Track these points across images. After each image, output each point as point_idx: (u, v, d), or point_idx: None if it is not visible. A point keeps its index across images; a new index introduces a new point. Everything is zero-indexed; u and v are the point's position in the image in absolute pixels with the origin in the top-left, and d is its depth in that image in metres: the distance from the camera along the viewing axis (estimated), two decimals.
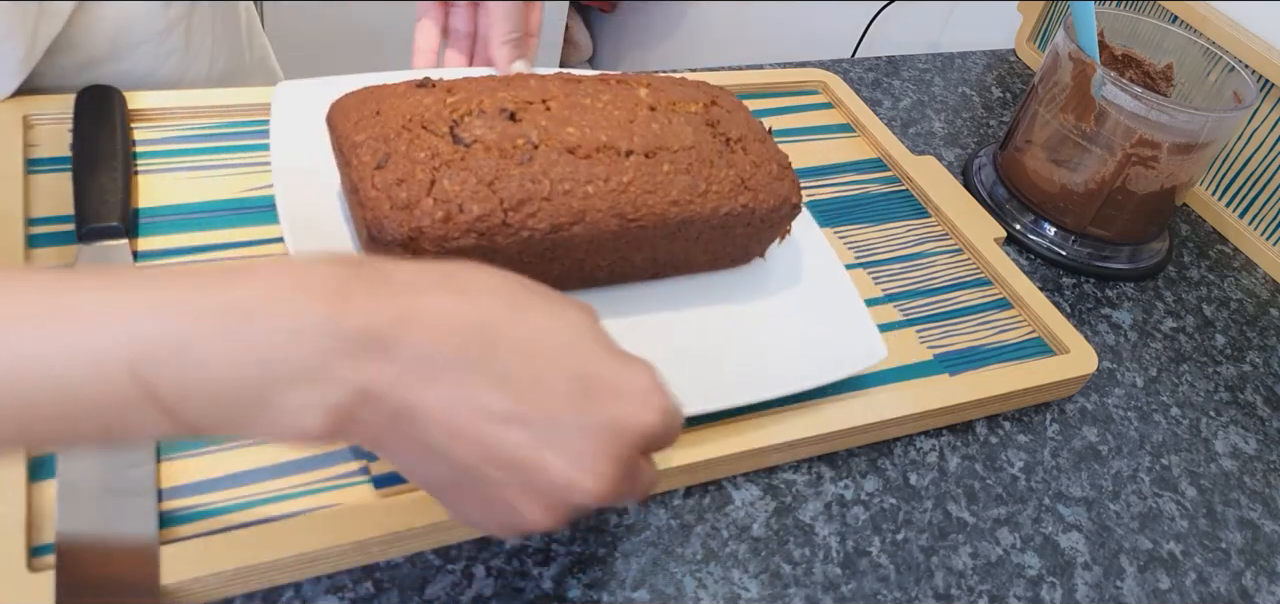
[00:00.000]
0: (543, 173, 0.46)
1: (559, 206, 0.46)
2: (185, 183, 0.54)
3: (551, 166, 0.46)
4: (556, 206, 0.46)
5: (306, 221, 0.48)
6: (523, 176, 0.45)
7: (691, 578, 0.44)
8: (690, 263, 0.53)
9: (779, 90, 0.75)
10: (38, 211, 0.49)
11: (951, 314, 0.59)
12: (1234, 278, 0.73)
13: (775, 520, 0.48)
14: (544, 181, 0.45)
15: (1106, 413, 0.59)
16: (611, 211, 0.47)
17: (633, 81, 0.52)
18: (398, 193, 0.44)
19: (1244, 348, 0.67)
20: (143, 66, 0.59)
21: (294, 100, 0.54)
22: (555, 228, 0.46)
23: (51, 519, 0.38)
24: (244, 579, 0.39)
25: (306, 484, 0.42)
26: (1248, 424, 0.61)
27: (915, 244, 0.64)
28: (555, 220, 0.46)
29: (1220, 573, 0.52)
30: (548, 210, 0.45)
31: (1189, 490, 0.56)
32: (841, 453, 0.52)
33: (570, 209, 0.46)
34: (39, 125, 0.54)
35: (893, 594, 0.46)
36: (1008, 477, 0.53)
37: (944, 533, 0.49)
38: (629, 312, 0.52)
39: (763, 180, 0.51)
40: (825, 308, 0.54)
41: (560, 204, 0.46)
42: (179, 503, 0.40)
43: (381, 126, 0.46)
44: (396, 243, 0.43)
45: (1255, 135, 0.74)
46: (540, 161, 0.46)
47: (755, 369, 0.50)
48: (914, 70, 0.87)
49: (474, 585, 0.42)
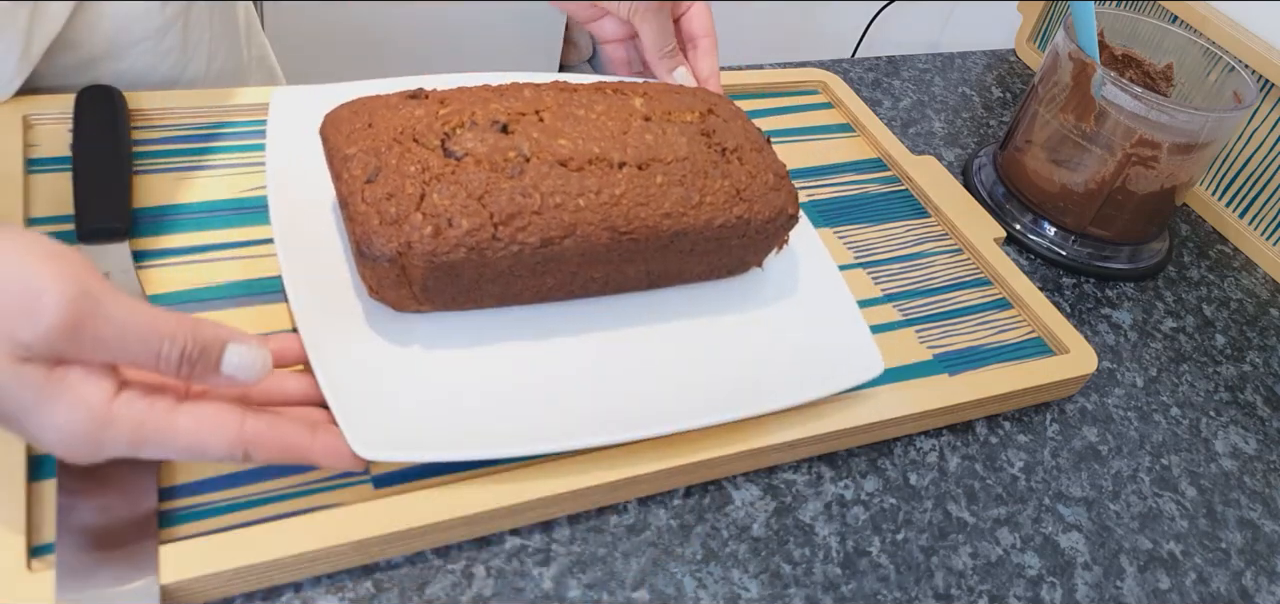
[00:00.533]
0: (533, 186, 0.46)
1: (550, 220, 0.46)
2: (185, 183, 0.54)
3: (542, 179, 0.46)
4: (547, 220, 0.45)
5: (298, 232, 0.48)
6: (513, 190, 0.45)
7: (691, 578, 0.44)
8: (685, 274, 0.53)
9: (779, 90, 0.75)
10: (38, 212, 0.49)
11: (951, 314, 0.59)
12: (1234, 278, 0.73)
13: (775, 520, 0.48)
14: (535, 195, 0.45)
15: (1106, 413, 0.59)
16: (603, 224, 0.47)
17: (628, 90, 0.52)
18: (387, 207, 0.44)
19: (1244, 348, 0.67)
20: (141, 64, 0.59)
21: (290, 107, 0.54)
22: (546, 241, 0.46)
23: (51, 519, 0.38)
24: (244, 579, 0.39)
25: (306, 484, 0.42)
26: (1248, 424, 0.61)
27: (915, 244, 0.64)
28: (546, 234, 0.45)
29: (1220, 573, 0.52)
30: (538, 224, 0.45)
31: (1189, 490, 0.56)
32: (841, 453, 0.52)
33: (561, 222, 0.46)
34: (39, 125, 0.54)
35: (893, 594, 0.46)
36: (1008, 477, 0.53)
37: (944, 533, 0.49)
38: (623, 323, 0.51)
39: (758, 191, 0.51)
40: (822, 319, 0.54)
41: (551, 217, 0.46)
42: (179, 503, 0.40)
43: (373, 139, 0.46)
44: (385, 258, 0.43)
45: (1255, 135, 0.74)
46: (531, 174, 0.46)
47: (751, 382, 0.50)
48: (914, 70, 0.87)
49: (474, 585, 0.42)
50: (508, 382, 0.47)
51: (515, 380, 0.47)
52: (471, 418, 0.44)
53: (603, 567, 0.44)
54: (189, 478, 0.41)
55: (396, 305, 0.47)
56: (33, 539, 0.38)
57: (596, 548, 0.45)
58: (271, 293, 0.49)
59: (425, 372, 0.46)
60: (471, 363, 0.47)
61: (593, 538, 0.45)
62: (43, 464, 0.40)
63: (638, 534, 0.46)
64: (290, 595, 0.40)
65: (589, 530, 0.45)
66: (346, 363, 0.44)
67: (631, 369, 0.49)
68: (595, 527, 0.45)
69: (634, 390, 0.48)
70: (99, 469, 0.39)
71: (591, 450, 0.45)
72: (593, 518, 0.46)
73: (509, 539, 0.44)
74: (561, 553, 0.44)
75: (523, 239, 0.45)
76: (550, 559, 0.44)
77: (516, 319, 0.50)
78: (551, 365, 0.48)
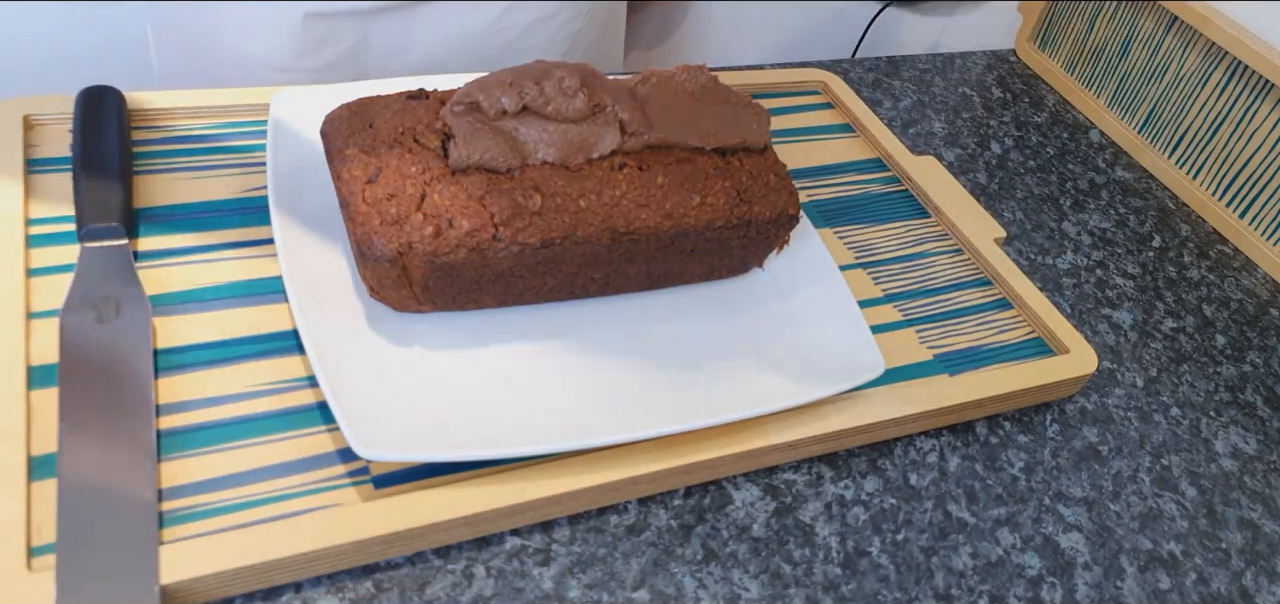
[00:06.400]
0: (534, 187, 0.46)
1: (550, 221, 0.46)
2: (185, 183, 0.54)
3: (543, 180, 0.46)
4: (548, 221, 0.45)
5: (299, 233, 0.48)
6: (514, 190, 0.45)
7: (691, 578, 0.44)
8: (686, 274, 0.53)
9: (779, 90, 0.75)
10: (38, 212, 0.49)
11: (951, 314, 0.59)
12: (1234, 278, 0.73)
13: (775, 520, 0.48)
14: (535, 196, 0.45)
15: (1106, 413, 0.59)
16: (604, 225, 0.47)
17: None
18: (388, 208, 0.44)
19: (1244, 348, 0.67)
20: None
21: (290, 107, 0.54)
22: (546, 242, 0.46)
23: (51, 519, 0.38)
24: (244, 579, 0.39)
25: (306, 484, 0.42)
26: (1248, 424, 0.61)
27: (915, 244, 0.64)
28: (546, 234, 0.45)
29: (1220, 573, 0.52)
30: (539, 224, 0.45)
31: (1189, 491, 0.56)
32: (841, 453, 0.52)
33: (562, 223, 0.46)
34: (39, 125, 0.54)
35: (893, 594, 0.46)
36: (1008, 477, 0.53)
37: (944, 533, 0.49)
38: (623, 323, 0.51)
39: (759, 192, 0.51)
40: (823, 320, 0.54)
41: (551, 218, 0.46)
42: (179, 503, 0.40)
43: (373, 139, 0.46)
44: (386, 258, 0.43)
45: (1255, 135, 0.74)
46: (532, 175, 0.46)
47: (751, 382, 0.50)
48: (914, 70, 0.87)
49: (474, 585, 0.42)
50: (508, 382, 0.47)
51: (515, 381, 0.47)
52: (471, 418, 0.44)
53: (603, 567, 0.44)
54: (189, 478, 0.41)
55: (397, 306, 0.47)
56: (33, 539, 0.38)
57: (597, 548, 0.45)
58: (271, 293, 0.49)
59: (425, 372, 0.46)
60: (472, 363, 0.47)
61: (593, 538, 0.45)
62: (43, 464, 0.40)
63: (638, 534, 0.46)
64: (290, 595, 0.40)
65: (589, 530, 0.45)
66: (346, 363, 0.44)
67: (632, 370, 0.49)
68: (595, 527, 0.45)
69: (634, 391, 0.48)
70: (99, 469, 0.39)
71: (592, 451, 0.45)
72: (593, 518, 0.46)
73: (509, 539, 0.44)
74: (562, 553, 0.44)
75: (524, 239, 0.45)
76: (550, 559, 0.44)
77: (517, 320, 0.50)
78: (552, 366, 0.48)
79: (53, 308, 0.45)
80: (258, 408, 0.44)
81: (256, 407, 0.44)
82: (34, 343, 0.44)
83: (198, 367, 0.45)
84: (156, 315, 0.46)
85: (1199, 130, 0.78)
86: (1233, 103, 0.75)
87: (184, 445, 0.42)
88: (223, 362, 0.46)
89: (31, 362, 0.43)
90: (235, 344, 0.46)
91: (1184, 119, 0.79)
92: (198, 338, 0.46)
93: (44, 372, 0.43)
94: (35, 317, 0.45)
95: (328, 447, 0.43)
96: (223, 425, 0.43)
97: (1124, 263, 0.71)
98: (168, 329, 0.46)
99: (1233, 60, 0.75)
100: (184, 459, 0.42)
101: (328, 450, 0.43)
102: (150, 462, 0.40)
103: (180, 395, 0.44)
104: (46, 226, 0.49)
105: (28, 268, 0.47)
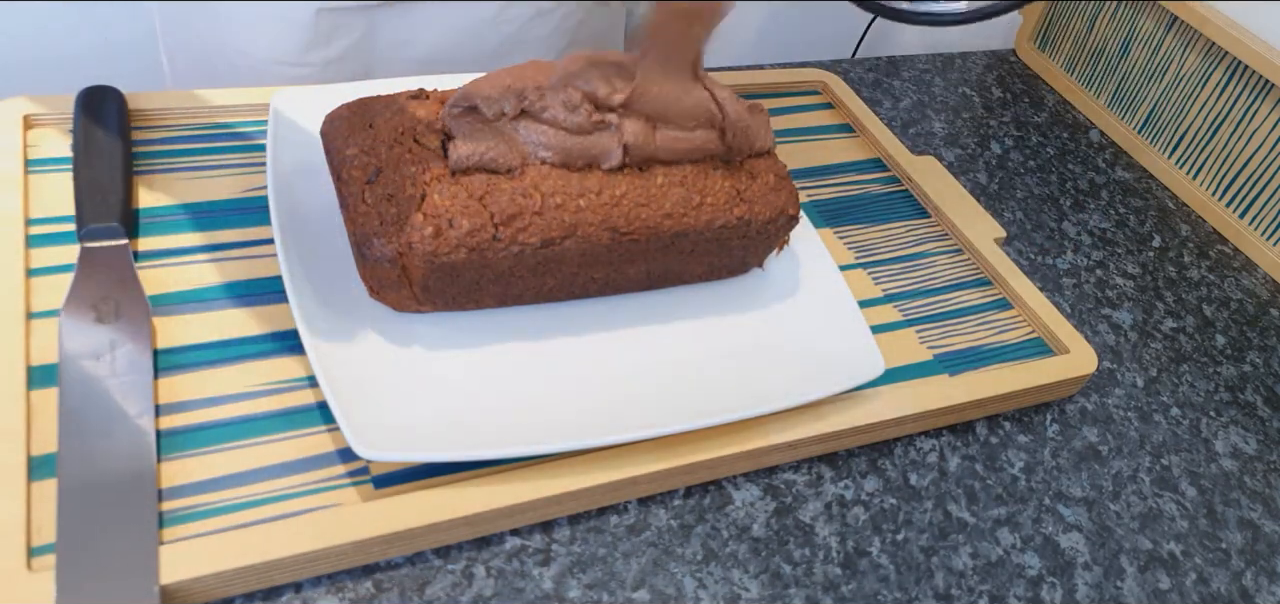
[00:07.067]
0: (534, 186, 0.45)
1: (550, 220, 0.45)
2: (185, 183, 0.54)
3: (543, 180, 0.46)
4: (547, 220, 0.45)
5: (299, 233, 0.48)
6: (514, 190, 0.45)
7: (691, 578, 0.44)
8: (686, 274, 0.53)
9: (779, 90, 0.75)
10: (38, 212, 0.49)
11: (951, 314, 0.59)
12: (1234, 278, 0.73)
13: (775, 520, 0.48)
14: (535, 195, 0.45)
15: (1106, 413, 0.59)
16: (604, 225, 0.47)
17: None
18: (388, 208, 0.44)
19: (1244, 348, 0.67)
20: None
21: (290, 107, 0.54)
22: (546, 242, 0.46)
23: (51, 519, 0.38)
24: (244, 579, 0.39)
25: (306, 484, 0.42)
26: (1248, 424, 0.61)
27: (915, 244, 0.64)
28: (546, 234, 0.45)
29: (1220, 573, 0.52)
30: (539, 224, 0.45)
31: (1189, 491, 0.56)
32: (841, 453, 0.52)
33: (562, 223, 0.46)
34: (39, 125, 0.54)
35: (893, 594, 0.46)
36: (1008, 477, 0.53)
37: (944, 533, 0.49)
38: (624, 323, 0.51)
39: (759, 192, 0.51)
40: (823, 319, 0.54)
41: (551, 218, 0.46)
42: (179, 503, 0.40)
43: (373, 139, 0.46)
44: (386, 258, 0.43)
45: (1255, 135, 0.74)
46: (531, 175, 0.46)
47: (751, 382, 0.49)
48: (914, 70, 0.87)
49: (474, 585, 0.42)
50: (508, 382, 0.47)
51: (515, 381, 0.47)
52: (471, 418, 0.44)
53: (603, 567, 0.44)
54: (189, 478, 0.41)
55: (397, 306, 0.47)
56: (33, 539, 0.38)
57: (597, 548, 0.45)
58: (271, 293, 0.49)
59: (425, 372, 0.46)
60: (472, 363, 0.47)
61: (593, 538, 0.45)
62: (43, 464, 0.40)
63: (638, 534, 0.46)
64: (290, 595, 0.40)
65: (589, 530, 0.45)
66: (346, 363, 0.44)
67: (632, 370, 0.49)
68: (595, 527, 0.45)
69: (634, 391, 0.48)
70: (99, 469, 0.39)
71: (592, 450, 0.45)
72: (593, 518, 0.46)
73: (509, 539, 0.44)
74: (562, 553, 0.44)
75: (524, 239, 0.45)
76: (550, 559, 0.44)
77: (517, 320, 0.50)
78: (552, 366, 0.48)
79: (53, 308, 0.45)
80: (258, 408, 0.44)
81: (256, 407, 0.44)
82: (34, 343, 0.44)
83: (198, 367, 0.45)
84: (156, 315, 0.46)
85: (1199, 130, 0.78)
86: (1233, 103, 0.75)
87: (184, 445, 0.42)
88: (223, 362, 0.46)
89: (31, 362, 0.43)
90: (235, 344, 0.46)
91: (1184, 119, 0.79)
92: (198, 338, 0.46)
93: (44, 371, 0.43)
94: (35, 316, 0.45)
95: (328, 447, 0.43)
96: (223, 425, 0.43)
97: (1124, 263, 0.71)
98: (168, 329, 0.46)
99: (1233, 60, 0.75)
100: (184, 459, 0.42)
101: (328, 450, 0.43)
102: (150, 462, 0.40)
103: (180, 395, 0.44)
104: (46, 226, 0.49)
105: (28, 268, 0.47)
